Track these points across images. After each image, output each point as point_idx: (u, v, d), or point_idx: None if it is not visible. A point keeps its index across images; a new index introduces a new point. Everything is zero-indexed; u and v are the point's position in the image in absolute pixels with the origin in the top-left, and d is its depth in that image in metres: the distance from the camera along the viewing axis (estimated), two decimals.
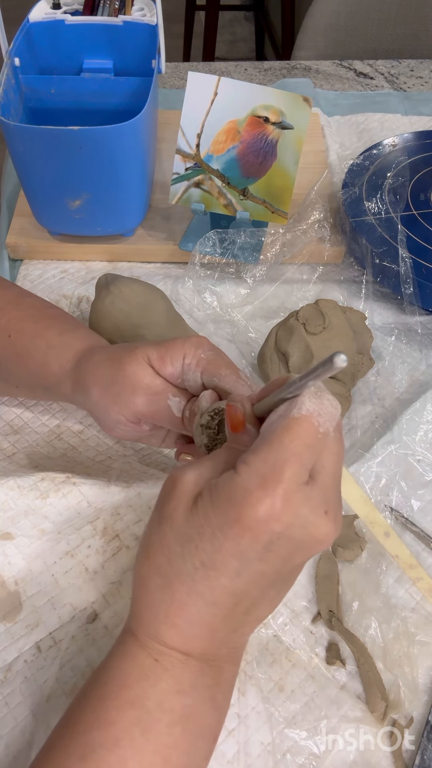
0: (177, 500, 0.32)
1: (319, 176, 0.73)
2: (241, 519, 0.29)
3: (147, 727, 0.31)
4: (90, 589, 0.45)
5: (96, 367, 0.43)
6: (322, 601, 0.46)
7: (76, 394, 0.45)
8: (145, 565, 0.33)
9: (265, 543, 0.30)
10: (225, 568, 0.30)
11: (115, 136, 0.57)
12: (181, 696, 0.32)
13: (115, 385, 0.41)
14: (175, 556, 0.31)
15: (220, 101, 0.60)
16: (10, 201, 0.74)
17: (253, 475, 0.29)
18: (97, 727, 0.31)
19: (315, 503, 0.30)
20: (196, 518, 0.31)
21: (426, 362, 0.60)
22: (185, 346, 0.41)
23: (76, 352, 0.46)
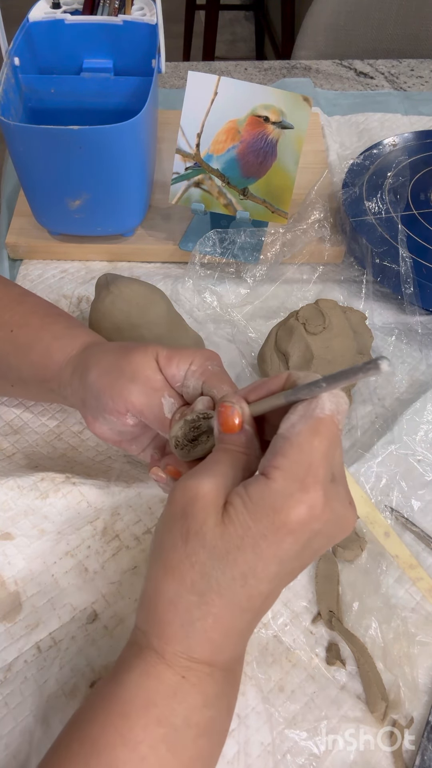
0: (204, 514, 0.31)
1: (319, 176, 0.73)
2: (285, 523, 0.30)
3: (174, 743, 0.31)
4: (90, 589, 0.45)
5: (103, 353, 0.44)
6: (322, 601, 0.46)
7: (73, 378, 0.45)
8: (173, 584, 0.32)
9: (304, 543, 0.30)
10: (266, 574, 0.31)
11: (115, 136, 0.57)
12: (207, 709, 0.33)
13: (116, 369, 0.41)
14: (209, 571, 0.31)
15: (220, 101, 0.60)
16: (10, 201, 0.74)
17: (291, 480, 0.30)
18: (122, 745, 0.31)
19: (342, 496, 0.32)
20: (233, 530, 0.31)
21: (426, 362, 0.60)
22: (195, 354, 0.41)
23: (83, 342, 0.46)
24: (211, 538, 0.31)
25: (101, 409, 0.42)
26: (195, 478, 0.33)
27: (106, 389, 0.41)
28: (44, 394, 0.51)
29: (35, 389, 0.50)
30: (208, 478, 0.32)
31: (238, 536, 0.30)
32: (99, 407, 0.42)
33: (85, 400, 0.44)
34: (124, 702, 0.32)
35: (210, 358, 0.41)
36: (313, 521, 0.30)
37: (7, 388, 0.52)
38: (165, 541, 0.33)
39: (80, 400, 0.45)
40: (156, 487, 0.49)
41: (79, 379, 0.44)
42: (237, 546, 0.30)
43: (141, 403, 0.41)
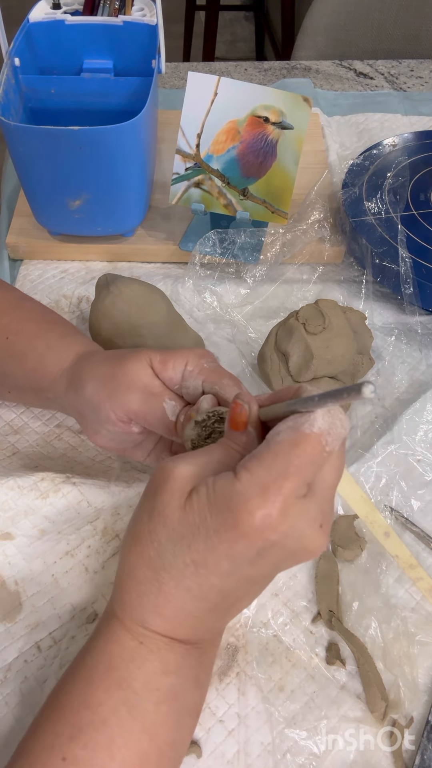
0: (169, 495, 0.32)
1: (319, 176, 0.73)
2: (238, 525, 0.30)
3: (134, 706, 0.32)
4: (90, 589, 0.45)
5: (96, 364, 0.43)
6: (322, 601, 0.46)
7: (69, 391, 0.45)
8: (133, 555, 0.33)
9: (258, 549, 0.30)
10: (216, 568, 0.31)
11: (115, 136, 0.57)
12: (167, 676, 0.33)
13: (112, 381, 0.41)
14: (165, 551, 0.32)
15: (220, 101, 0.60)
16: (10, 201, 0.74)
17: (254, 484, 0.30)
18: (85, 708, 0.32)
19: (311, 516, 0.31)
20: (191, 517, 0.31)
21: (426, 362, 0.60)
22: (189, 354, 0.41)
23: (77, 353, 0.46)
24: (171, 520, 0.32)
25: (102, 422, 0.42)
26: (174, 460, 0.33)
27: (105, 401, 0.41)
28: (41, 402, 0.51)
29: (31, 397, 0.50)
30: (186, 463, 0.33)
31: (194, 524, 0.31)
32: (99, 420, 0.43)
33: (84, 414, 0.44)
34: (89, 666, 0.34)
35: (204, 356, 0.41)
36: (267, 530, 0.29)
37: (4, 394, 0.52)
38: (136, 514, 0.34)
39: (77, 413, 0.45)
40: None
41: (74, 393, 0.44)
42: (192, 533, 0.31)
43: (143, 410, 0.41)
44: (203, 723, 0.41)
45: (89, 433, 0.45)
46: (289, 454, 0.30)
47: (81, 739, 0.31)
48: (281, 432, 0.31)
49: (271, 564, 0.32)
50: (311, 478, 0.31)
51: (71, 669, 0.35)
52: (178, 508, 0.32)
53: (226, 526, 0.30)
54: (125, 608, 0.34)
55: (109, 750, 0.31)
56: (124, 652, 0.33)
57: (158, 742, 0.33)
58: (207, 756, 0.40)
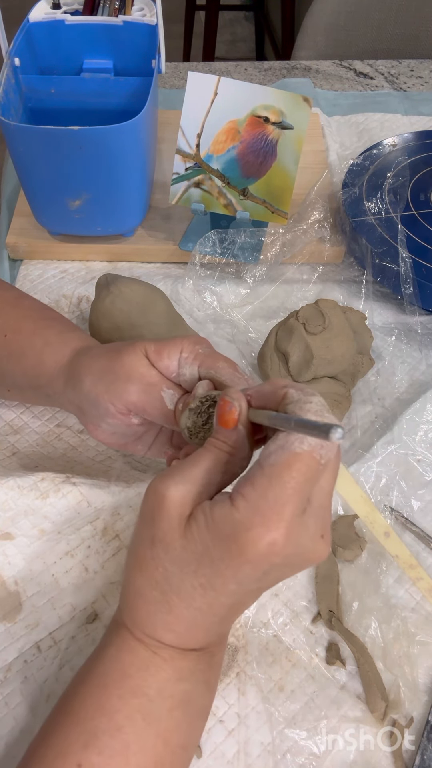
0: (167, 523, 0.32)
1: (319, 176, 0.73)
2: (242, 553, 0.30)
3: (149, 713, 0.32)
4: (90, 589, 0.45)
5: (92, 358, 0.43)
6: (322, 601, 0.46)
7: (67, 388, 0.45)
8: (140, 578, 0.33)
9: (264, 571, 0.31)
10: (224, 589, 0.31)
11: (115, 136, 0.57)
12: (180, 683, 0.34)
13: (110, 373, 0.41)
14: (171, 575, 0.32)
15: (220, 101, 0.60)
16: (10, 201, 0.74)
17: (254, 513, 0.30)
18: (100, 715, 0.32)
19: (313, 530, 0.31)
20: (193, 545, 0.31)
21: (426, 362, 0.60)
22: (183, 342, 0.41)
23: (74, 349, 0.46)
24: (173, 548, 0.32)
25: (102, 416, 0.42)
26: (165, 482, 0.33)
27: (104, 394, 0.41)
28: (41, 399, 0.51)
29: (31, 394, 0.50)
30: (177, 485, 0.32)
31: (197, 552, 0.31)
32: (99, 414, 0.42)
33: (83, 409, 0.44)
34: (102, 674, 0.34)
35: (199, 342, 0.41)
36: (272, 556, 0.30)
37: (4, 392, 0.52)
38: (136, 537, 0.34)
39: (77, 408, 0.45)
40: None
41: (72, 388, 0.44)
42: (196, 560, 0.31)
43: (142, 400, 0.41)
44: None
45: (90, 428, 0.45)
46: (283, 476, 0.29)
47: (96, 746, 0.31)
48: (272, 453, 0.30)
49: (276, 579, 0.33)
50: (309, 493, 0.31)
51: (82, 676, 0.35)
52: (178, 537, 0.32)
53: (230, 555, 0.30)
54: (136, 624, 0.34)
55: (124, 756, 0.32)
56: (137, 660, 0.33)
57: (171, 746, 0.33)
58: (207, 756, 0.40)
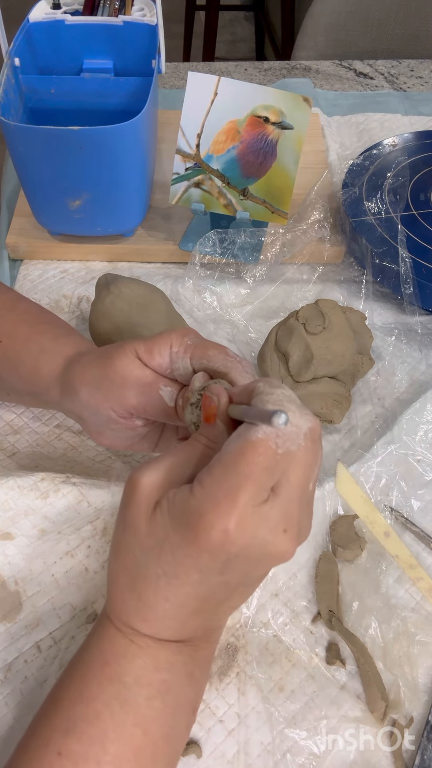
0: (136, 507, 0.33)
1: (319, 176, 0.73)
2: (197, 541, 0.30)
3: (125, 700, 0.33)
4: (90, 589, 0.45)
5: (85, 368, 0.43)
6: (322, 601, 0.46)
7: (64, 399, 0.44)
8: (116, 563, 0.34)
9: (223, 561, 0.30)
10: (186, 578, 0.31)
11: (115, 136, 0.57)
12: (159, 672, 0.34)
13: (105, 381, 0.41)
14: (139, 561, 0.33)
15: (220, 101, 0.60)
16: (10, 201, 0.74)
17: (207, 499, 0.30)
18: (80, 702, 0.33)
19: (273, 523, 0.30)
20: (156, 531, 0.32)
21: (426, 362, 0.60)
22: (171, 336, 0.41)
23: (66, 357, 0.45)
24: (140, 533, 0.32)
25: (105, 423, 0.43)
26: (140, 469, 0.33)
27: (103, 402, 0.41)
28: (40, 404, 0.51)
29: (29, 399, 0.51)
30: (150, 472, 0.33)
31: (159, 538, 0.31)
32: (102, 422, 0.43)
33: (84, 418, 0.44)
34: (84, 663, 0.34)
35: (186, 334, 0.41)
36: (227, 544, 0.29)
37: (4, 396, 0.52)
38: (116, 524, 0.35)
39: (78, 417, 0.45)
40: None
41: (70, 400, 0.44)
42: (159, 546, 0.32)
43: (141, 402, 0.41)
44: (203, 723, 0.41)
45: (93, 435, 0.45)
46: (237, 463, 0.29)
47: (75, 733, 0.32)
48: (230, 442, 0.31)
49: (240, 572, 0.32)
50: (269, 483, 0.30)
51: (68, 666, 0.35)
52: (145, 522, 0.32)
53: (186, 542, 0.30)
54: (113, 611, 0.35)
55: (102, 743, 0.32)
56: (115, 648, 0.34)
57: (152, 737, 0.33)
58: (207, 756, 0.40)
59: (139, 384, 0.40)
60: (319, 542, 0.48)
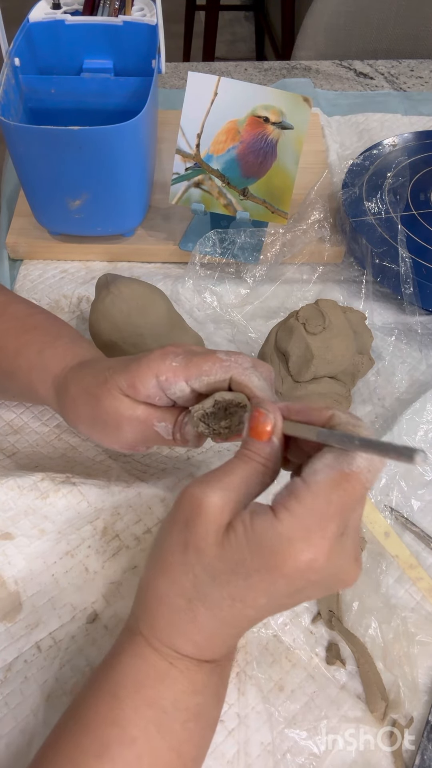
0: (205, 529, 0.31)
1: (319, 176, 0.73)
2: (280, 567, 0.29)
3: (162, 725, 0.32)
4: (90, 589, 0.45)
5: (74, 402, 0.42)
6: (322, 601, 0.46)
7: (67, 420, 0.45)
8: (165, 583, 0.33)
9: (298, 588, 0.30)
10: (254, 603, 0.31)
11: (115, 136, 0.57)
12: (195, 695, 0.33)
13: (98, 421, 0.41)
14: (201, 583, 0.32)
15: (220, 101, 0.60)
16: (10, 201, 0.74)
17: (298, 527, 0.29)
18: (113, 725, 0.32)
19: (348, 552, 0.31)
20: (230, 555, 0.31)
21: (426, 362, 0.60)
22: (150, 366, 0.38)
23: (55, 378, 0.44)
24: (208, 556, 0.31)
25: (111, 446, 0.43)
26: (203, 488, 0.32)
27: (104, 438, 0.42)
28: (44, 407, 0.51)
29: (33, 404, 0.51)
30: (217, 491, 0.32)
31: (233, 561, 0.31)
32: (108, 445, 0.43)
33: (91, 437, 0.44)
34: (116, 683, 0.33)
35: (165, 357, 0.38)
36: (310, 573, 0.30)
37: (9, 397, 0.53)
38: (165, 541, 0.33)
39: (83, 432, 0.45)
40: (156, 487, 0.49)
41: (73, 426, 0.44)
42: (231, 570, 0.31)
43: (140, 439, 0.41)
44: None
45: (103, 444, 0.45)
46: (330, 495, 0.29)
47: (109, 756, 0.31)
48: (319, 470, 0.30)
49: (307, 596, 0.32)
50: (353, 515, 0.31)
51: (95, 683, 0.34)
52: (215, 544, 0.31)
53: (267, 567, 0.30)
54: (154, 632, 0.34)
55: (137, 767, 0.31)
56: (153, 671, 0.33)
57: (184, 759, 0.33)
58: (207, 756, 0.39)
59: (133, 423, 0.40)
60: None
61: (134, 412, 0.39)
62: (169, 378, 0.38)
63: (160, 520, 0.49)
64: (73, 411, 0.43)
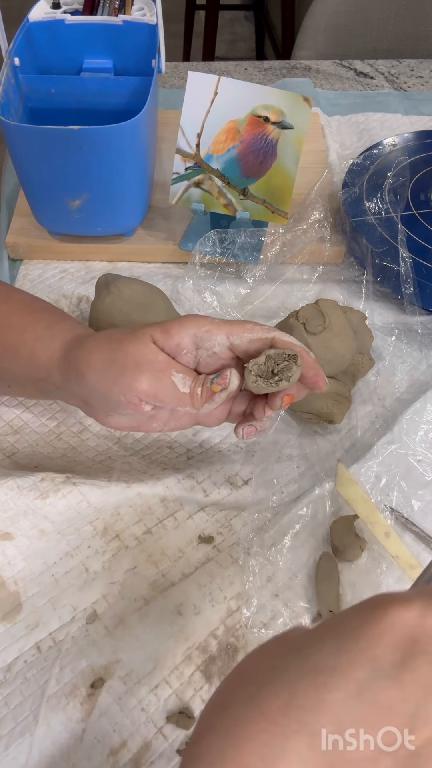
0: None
1: (319, 176, 0.73)
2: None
3: None
4: (90, 590, 0.45)
5: (90, 352, 0.42)
6: (323, 601, 0.45)
7: (68, 382, 0.44)
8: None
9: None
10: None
11: (115, 135, 0.57)
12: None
13: (115, 364, 0.41)
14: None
15: (220, 101, 0.60)
16: (10, 201, 0.74)
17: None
18: None
19: None
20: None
21: (426, 362, 0.60)
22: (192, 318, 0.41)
23: (64, 342, 0.45)
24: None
25: (113, 407, 0.42)
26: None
27: (113, 386, 0.41)
28: (41, 394, 0.51)
29: (31, 389, 0.50)
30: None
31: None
32: (109, 406, 0.42)
33: (90, 402, 0.43)
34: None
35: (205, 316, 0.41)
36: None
37: (5, 388, 0.52)
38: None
39: (82, 402, 0.44)
40: (156, 487, 0.49)
41: (75, 383, 0.43)
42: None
43: (153, 387, 0.40)
44: None
45: (99, 417, 0.44)
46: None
47: None
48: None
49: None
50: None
51: None
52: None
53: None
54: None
55: None
56: None
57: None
58: None
59: (152, 369, 0.40)
60: (319, 542, 0.48)
61: (156, 357, 0.40)
62: (211, 330, 0.40)
63: (160, 521, 0.49)
64: (86, 359, 0.42)
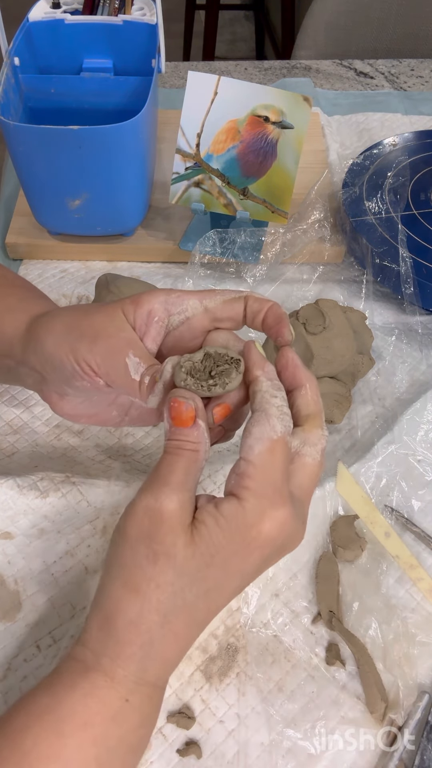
0: (173, 536, 0.31)
1: (319, 176, 0.73)
2: (256, 539, 0.31)
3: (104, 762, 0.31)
4: (90, 589, 0.45)
5: (53, 318, 0.40)
6: (322, 601, 0.45)
7: (26, 353, 0.40)
8: (136, 604, 0.32)
9: (266, 557, 0.32)
10: (228, 588, 0.33)
11: (115, 135, 0.57)
12: (141, 729, 0.33)
13: (75, 331, 0.38)
14: (177, 590, 0.32)
15: (220, 101, 0.60)
16: (10, 201, 0.74)
17: (262, 498, 0.32)
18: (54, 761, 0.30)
19: (300, 515, 0.33)
20: (204, 549, 0.31)
21: (426, 362, 0.60)
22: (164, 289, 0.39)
23: (33, 314, 0.42)
24: (182, 558, 0.31)
25: (67, 378, 0.38)
26: (156, 496, 0.32)
27: (68, 354, 0.37)
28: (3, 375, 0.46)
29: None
30: (170, 495, 0.32)
31: (209, 554, 0.31)
32: (63, 378, 0.39)
33: (46, 376, 0.40)
34: (62, 720, 0.31)
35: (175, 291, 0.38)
36: (281, 536, 0.32)
37: None
38: (127, 559, 0.32)
39: (39, 376, 0.41)
40: None
41: (33, 353, 0.40)
42: (207, 563, 0.31)
43: (106, 365, 0.37)
44: (203, 723, 0.41)
45: (54, 399, 0.41)
46: (272, 462, 0.32)
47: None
48: (253, 445, 0.32)
49: (268, 566, 0.34)
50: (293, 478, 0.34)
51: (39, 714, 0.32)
52: (185, 546, 0.31)
53: (243, 545, 0.31)
54: (122, 662, 0.32)
55: None
56: (105, 709, 0.32)
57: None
58: (207, 756, 0.40)
59: (110, 343, 0.37)
60: (320, 542, 0.48)
61: (118, 333, 0.37)
62: (182, 295, 0.38)
63: None
64: (47, 325, 0.39)
